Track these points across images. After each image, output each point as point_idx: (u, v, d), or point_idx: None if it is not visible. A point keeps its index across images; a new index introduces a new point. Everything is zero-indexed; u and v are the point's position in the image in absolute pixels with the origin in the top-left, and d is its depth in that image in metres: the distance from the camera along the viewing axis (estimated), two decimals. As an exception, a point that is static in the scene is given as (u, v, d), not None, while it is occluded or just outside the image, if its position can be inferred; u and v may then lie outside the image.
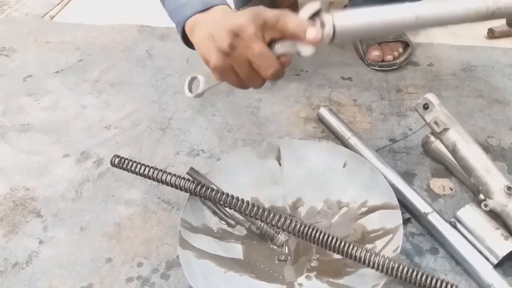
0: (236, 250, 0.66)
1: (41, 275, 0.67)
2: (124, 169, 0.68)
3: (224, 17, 0.55)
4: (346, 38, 0.53)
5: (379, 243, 0.62)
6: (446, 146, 0.68)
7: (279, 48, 0.54)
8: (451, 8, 0.54)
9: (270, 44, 0.54)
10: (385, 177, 0.68)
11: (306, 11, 0.53)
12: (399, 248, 0.57)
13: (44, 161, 0.85)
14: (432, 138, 0.76)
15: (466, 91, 0.92)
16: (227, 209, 0.67)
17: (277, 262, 0.65)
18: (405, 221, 0.68)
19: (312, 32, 0.51)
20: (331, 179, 0.70)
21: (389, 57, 0.99)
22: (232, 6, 0.64)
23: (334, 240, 0.56)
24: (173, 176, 0.65)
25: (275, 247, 0.66)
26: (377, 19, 0.53)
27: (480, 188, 0.64)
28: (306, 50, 0.54)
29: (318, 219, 0.69)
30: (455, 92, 0.92)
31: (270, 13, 0.52)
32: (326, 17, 0.52)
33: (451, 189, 0.74)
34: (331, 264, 0.63)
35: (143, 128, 0.91)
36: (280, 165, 0.73)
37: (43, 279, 0.66)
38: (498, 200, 0.62)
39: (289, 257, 0.65)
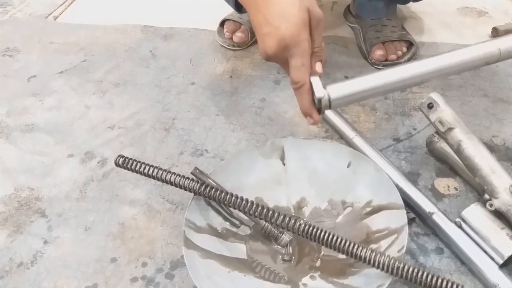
0: (240, 250, 0.66)
1: (46, 275, 0.67)
2: (128, 169, 0.68)
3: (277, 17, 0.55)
4: (341, 105, 0.60)
5: (384, 243, 0.61)
6: (451, 146, 0.68)
7: None
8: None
9: None
10: (390, 177, 0.68)
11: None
12: (404, 248, 0.57)
13: (49, 161, 0.85)
14: (437, 138, 0.76)
15: (471, 90, 0.92)
16: (231, 209, 0.67)
17: (281, 262, 0.64)
18: (410, 221, 0.68)
19: (311, 121, 0.61)
20: (336, 179, 0.70)
21: (393, 57, 0.99)
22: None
23: (339, 240, 0.56)
24: (177, 176, 0.65)
25: (280, 247, 0.66)
26: (366, 86, 0.60)
27: (485, 187, 0.64)
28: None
29: (323, 219, 0.69)
30: (459, 92, 0.92)
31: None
32: (321, 92, 0.59)
33: (456, 188, 0.73)
34: (335, 264, 0.63)
35: (147, 128, 0.91)
36: (284, 165, 0.73)
37: (48, 279, 0.66)
38: (503, 199, 0.62)
39: (293, 257, 0.65)
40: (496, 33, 1.07)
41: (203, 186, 0.63)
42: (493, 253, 0.60)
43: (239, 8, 0.63)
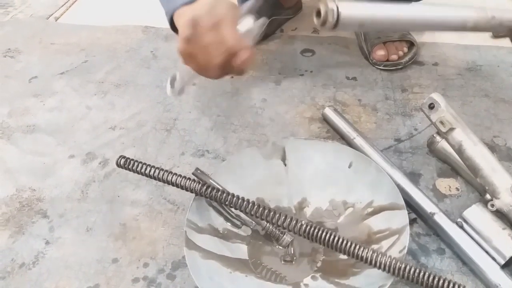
0: (241, 250, 0.66)
1: (48, 276, 0.67)
2: (129, 170, 0.68)
3: (196, 9, 0.60)
4: (348, 27, 0.54)
5: (385, 244, 0.61)
6: (452, 146, 0.68)
7: None
8: (452, 13, 0.56)
9: None
10: (391, 177, 0.68)
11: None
12: (406, 249, 0.57)
13: (50, 162, 0.85)
14: (438, 138, 0.76)
15: (472, 90, 0.92)
16: (232, 209, 0.67)
17: (282, 262, 0.65)
18: (411, 222, 0.68)
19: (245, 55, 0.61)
20: (337, 180, 0.70)
21: (394, 57, 0.98)
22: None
23: (340, 240, 0.56)
24: (179, 177, 0.65)
25: (281, 247, 0.66)
26: (379, 14, 0.55)
27: (487, 188, 0.64)
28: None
29: (324, 219, 0.69)
30: (460, 92, 0.92)
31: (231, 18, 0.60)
32: (331, 4, 0.53)
33: (457, 189, 0.73)
34: (337, 265, 0.63)
35: (148, 128, 0.91)
36: (285, 165, 0.73)
37: (49, 279, 0.67)
38: (505, 200, 0.62)
39: (294, 258, 0.65)
40: (497, 33, 1.07)
41: (205, 187, 0.63)
42: (495, 253, 0.60)
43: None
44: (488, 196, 0.64)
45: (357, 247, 0.55)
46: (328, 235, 0.56)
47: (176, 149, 0.86)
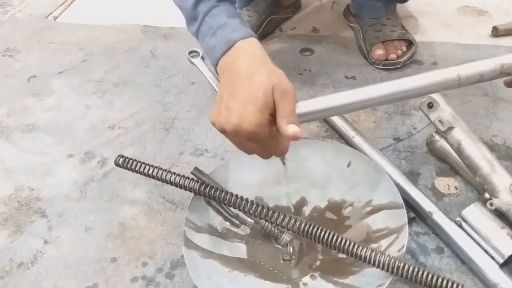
0: (240, 249, 0.66)
1: (46, 275, 0.67)
2: (128, 169, 0.68)
3: (240, 89, 0.55)
4: (307, 120, 0.58)
5: (384, 243, 0.61)
6: (451, 145, 0.68)
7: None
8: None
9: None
10: (390, 176, 0.68)
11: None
12: (404, 248, 0.57)
13: (49, 161, 0.85)
14: (437, 137, 0.75)
15: (471, 89, 0.92)
16: (231, 208, 0.67)
17: (281, 261, 0.64)
18: (410, 221, 0.68)
19: (292, 129, 0.53)
20: (336, 179, 0.70)
21: (393, 56, 0.98)
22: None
23: (339, 239, 0.55)
24: (178, 176, 0.65)
25: (280, 246, 0.66)
26: (329, 104, 0.58)
27: (486, 187, 0.64)
28: None
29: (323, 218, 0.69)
30: (459, 91, 0.92)
31: (277, 95, 0.54)
32: None
33: (456, 188, 0.73)
34: (336, 264, 0.63)
35: (147, 128, 0.91)
36: (284, 164, 0.72)
37: (48, 279, 0.66)
38: (504, 199, 0.62)
39: (293, 257, 0.65)
40: (496, 32, 1.07)
41: (203, 186, 0.63)
42: (494, 252, 0.60)
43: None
44: (487, 195, 0.64)
45: (356, 246, 0.55)
46: (327, 234, 0.56)
47: (175, 148, 0.85)
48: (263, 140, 0.54)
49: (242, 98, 0.53)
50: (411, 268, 0.52)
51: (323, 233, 0.56)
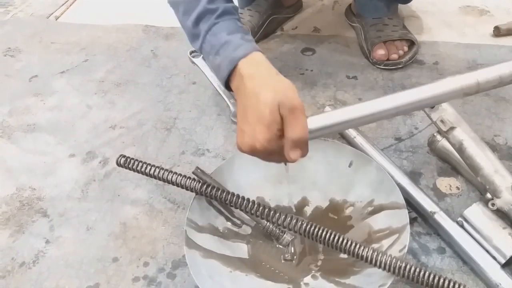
0: (242, 249, 0.66)
1: (48, 275, 0.67)
2: (129, 169, 0.68)
3: (250, 109, 0.56)
4: (317, 136, 0.59)
5: (385, 243, 0.61)
6: (453, 145, 0.68)
7: None
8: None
9: None
10: (391, 176, 0.68)
11: None
12: (406, 248, 0.57)
13: (50, 161, 0.85)
14: (439, 137, 0.75)
15: (472, 89, 0.92)
16: (233, 208, 0.67)
17: (283, 261, 0.64)
18: (412, 221, 0.68)
19: (294, 155, 0.54)
20: (337, 179, 0.70)
21: (395, 56, 0.98)
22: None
23: (341, 239, 0.55)
24: (179, 176, 0.65)
25: (281, 246, 0.66)
26: (341, 119, 0.58)
27: (487, 187, 0.64)
28: None
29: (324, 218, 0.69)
30: (461, 91, 0.92)
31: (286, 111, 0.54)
32: None
33: (457, 188, 0.73)
34: (337, 264, 0.63)
35: (149, 127, 0.91)
36: (285, 164, 0.72)
37: (50, 278, 0.67)
38: (506, 199, 0.62)
39: (295, 257, 0.65)
40: (498, 32, 1.07)
41: (205, 186, 0.63)
42: (495, 252, 0.60)
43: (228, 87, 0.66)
44: (488, 195, 0.64)
45: (358, 246, 0.55)
46: (328, 234, 0.56)
47: (177, 148, 0.85)
48: (278, 153, 0.55)
49: (251, 119, 0.55)
50: (412, 268, 0.52)
51: (324, 233, 0.56)
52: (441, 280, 0.51)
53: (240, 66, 0.60)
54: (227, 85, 0.64)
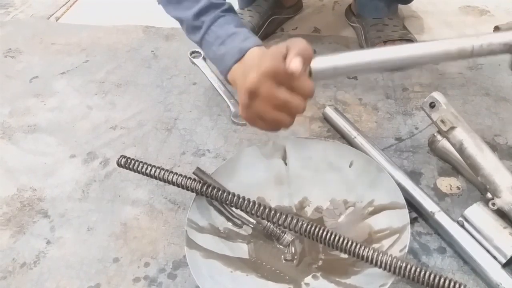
0: (242, 249, 0.66)
1: (49, 275, 0.67)
2: (130, 170, 0.69)
3: (249, 71, 0.56)
4: (322, 78, 0.60)
5: (386, 243, 0.61)
6: (453, 145, 0.68)
7: None
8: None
9: None
10: (392, 176, 0.68)
11: None
12: (407, 248, 0.57)
13: (51, 162, 0.86)
14: (439, 137, 0.75)
15: (473, 89, 0.92)
16: (233, 209, 0.67)
17: (283, 261, 0.64)
18: (412, 221, 0.68)
19: (295, 63, 0.54)
20: (337, 179, 0.70)
21: (395, 56, 0.98)
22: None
23: (341, 239, 0.55)
24: (179, 176, 0.65)
25: (282, 246, 0.66)
26: (344, 62, 0.60)
27: (488, 187, 0.64)
28: None
29: (325, 218, 0.69)
30: (461, 91, 0.92)
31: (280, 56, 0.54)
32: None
33: (458, 188, 0.73)
34: (337, 264, 0.63)
35: (149, 128, 0.91)
36: (286, 164, 0.73)
37: (50, 279, 0.67)
38: (506, 199, 0.62)
39: (295, 257, 0.65)
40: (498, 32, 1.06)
41: (205, 186, 0.63)
42: (496, 252, 0.60)
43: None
44: (489, 195, 0.64)
45: (358, 246, 0.55)
46: (329, 234, 0.56)
47: (177, 149, 0.86)
48: (284, 82, 0.54)
49: (252, 66, 0.55)
50: (413, 268, 0.52)
51: (325, 233, 0.56)
52: (442, 280, 0.51)
53: (249, 53, 0.61)
54: (226, 77, 0.65)
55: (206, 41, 0.67)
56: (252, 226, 0.68)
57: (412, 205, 0.68)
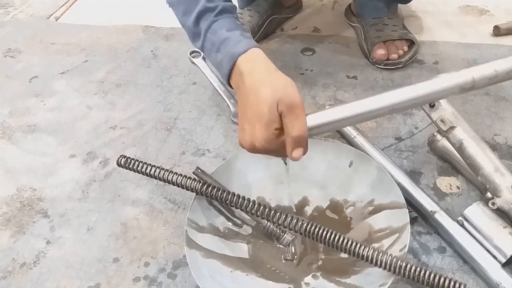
0: (242, 249, 0.66)
1: (49, 275, 0.67)
2: (130, 169, 0.69)
3: (252, 106, 0.56)
4: (317, 133, 0.59)
5: (386, 242, 0.61)
6: (453, 144, 0.68)
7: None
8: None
9: None
10: (392, 176, 0.68)
11: None
12: (407, 247, 0.57)
13: (51, 162, 0.86)
14: (439, 137, 0.75)
15: (472, 89, 0.92)
16: (233, 208, 0.67)
17: (283, 261, 0.64)
18: (412, 220, 0.68)
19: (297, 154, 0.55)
20: (337, 178, 0.70)
21: (394, 56, 0.98)
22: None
23: (341, 239, 0.55)
24: (179, 176, 0.65)
25: (282, 246, 0.66)
26: (340, 116, 0.59)
27: (488, 186, 0.64)
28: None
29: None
30: (461, 90, 0.92)
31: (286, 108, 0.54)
32: None
33: (458, 187, 0.73)
34: (337, 263, 0.63)
35: (149, 128, 0.91)
36: (286, 164, 0.72)
37: (50, 279, 0.67)
38: (506, 198, 0.62)
39: (295, 257, 0.65)
40: (497, 31, 1.07)
41: (205, 186, 0.63)
42: (496, 251, 0.60)
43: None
44: (489, 195, 0.64)
45: (358, 245, 0.55)
46: (329, 233, 0.56)
47: (177, 149, 0.86)
48: (277, 150, 0.56)
49: (251, 117, 0.55)
50: (413, 268, 0.52)
51: (325, 232, 0.56)
52: (442, 279, 0.51)
53: (239, 62, 0.60)
54: (229, 83, 0.64)
55: (206, 48, 0.67)
56: (252, 226, 0.68)
57: (412, 204, 0.68)
